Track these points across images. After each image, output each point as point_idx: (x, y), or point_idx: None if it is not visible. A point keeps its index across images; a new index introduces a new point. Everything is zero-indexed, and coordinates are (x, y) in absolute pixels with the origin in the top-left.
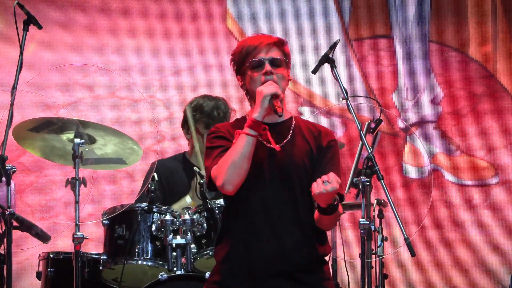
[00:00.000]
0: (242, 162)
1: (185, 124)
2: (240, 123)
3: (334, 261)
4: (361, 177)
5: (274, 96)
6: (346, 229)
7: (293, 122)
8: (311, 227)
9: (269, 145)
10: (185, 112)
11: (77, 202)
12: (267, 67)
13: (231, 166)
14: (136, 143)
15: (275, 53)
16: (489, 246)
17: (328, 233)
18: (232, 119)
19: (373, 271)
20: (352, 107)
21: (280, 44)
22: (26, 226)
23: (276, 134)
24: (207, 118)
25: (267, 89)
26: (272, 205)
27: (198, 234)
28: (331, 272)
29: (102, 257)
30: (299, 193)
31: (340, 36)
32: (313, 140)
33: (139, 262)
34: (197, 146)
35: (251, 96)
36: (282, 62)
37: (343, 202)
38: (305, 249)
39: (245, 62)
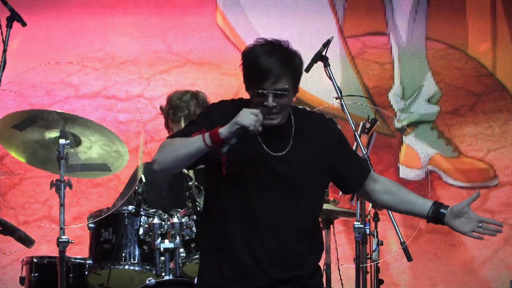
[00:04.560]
0: (183, 157)
1: (165, 124)
2: (240, 104)
3: (328, 266)
4: None
5: (244, 129)
6: (341, 233)
7: (293, 123)
8: (313, 235)
9: (272, 153)
10: (161, 110)
11: (62, 205)
12: (270, 102)
13: (172, 153)
14: (123, 144)
15: (282, 83)
16: (488, 250)
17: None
18: None
19: (368, 276)
20: (346, 107)
21: (290, 70)
22: (9, 230)
23: (274, 139)
24: (171, 108)
25: (242, 118)
26: (277, 215)
27: (187, 238)
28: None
29: (87, 261)
30: (306, 203)
31: (334, 33)
32: (322, 141)
33: (126, 267)
34: None
35: None
36: (288, 92)
37: (337, 208)
38: (307, 258)
39: (249, 85)
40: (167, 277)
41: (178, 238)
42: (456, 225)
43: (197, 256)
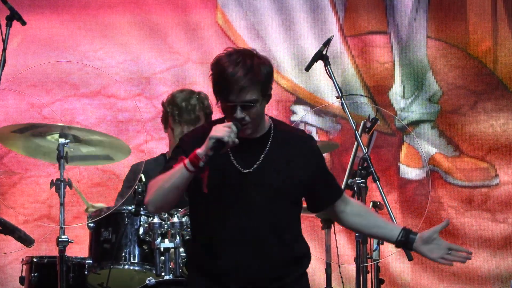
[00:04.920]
0: (170, 190)
1: (162, 119)
2: (212, 124)
3: (328, 265)
4: (356, 178)
5: (220, 142)
6: (341, 232)
7: (271, 136)
8: (294, 244)
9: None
10: (162, 106)
11: (61, 204)
12: (238, 113)
13: (159, 190)
14: (124, 143)
15: (250, 94)
16: (489, 250)
17: (322, 236)
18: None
19: (368, 276)
20: (346, 106)
21: (257, 80)
22: (9, 229)
23: (250, 151)
24: (177, 109)
25: (216, 132)
26: (252, 230)
27: (187, 237)
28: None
29: (87, 261)
30: (281, 214)
31: (335, 32)
32: (300, 157)
33: (126, 266)
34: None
35: None
36: (256, 103)
37: None
38: (290, 267)
39: (218, 98)
40: (167, 277)
41: (178, 237)
42: (425, 251)
43: None
